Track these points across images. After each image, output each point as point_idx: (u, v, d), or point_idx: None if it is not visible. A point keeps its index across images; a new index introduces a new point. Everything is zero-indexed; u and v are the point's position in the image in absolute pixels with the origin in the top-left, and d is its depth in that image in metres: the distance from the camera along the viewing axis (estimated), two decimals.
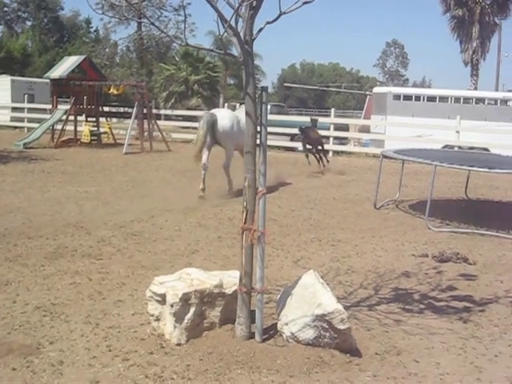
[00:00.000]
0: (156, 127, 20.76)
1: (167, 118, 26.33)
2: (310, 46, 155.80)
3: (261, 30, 4.25)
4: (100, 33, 61.27)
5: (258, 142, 4.40)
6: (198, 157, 11.02)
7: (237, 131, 10.95)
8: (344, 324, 4.19)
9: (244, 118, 4.48)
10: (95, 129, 21.08)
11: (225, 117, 11.15)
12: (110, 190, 11.33)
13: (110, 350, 4.26)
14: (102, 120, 21.64)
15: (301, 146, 17.41)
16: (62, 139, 20.45)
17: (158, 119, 22.53)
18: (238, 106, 21.21)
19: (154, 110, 23.24)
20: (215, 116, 11.04)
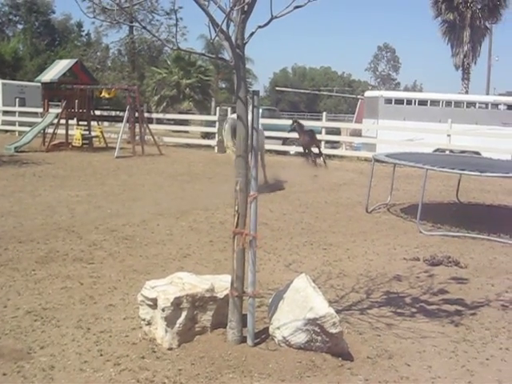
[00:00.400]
0: (148, 131, 20.76)
1: (159, 121, 26.29)
2: (301, 50, 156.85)
3: (252, 34, 4.26)
4: (91, 36, 61.32)
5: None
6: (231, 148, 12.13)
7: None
8: (336, 328, 4.19)
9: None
10: (87, 132, 21.00)
11: None
12: (101, 194, 11.30)
13: (102, 355, 4.24)
14: (94, 124, 21.57)
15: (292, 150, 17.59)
16: (54, 143, 20.37)
17: (150, 123, 22.47)
18: (229, 110, 21.32)
19: (146, 114, 23.23)
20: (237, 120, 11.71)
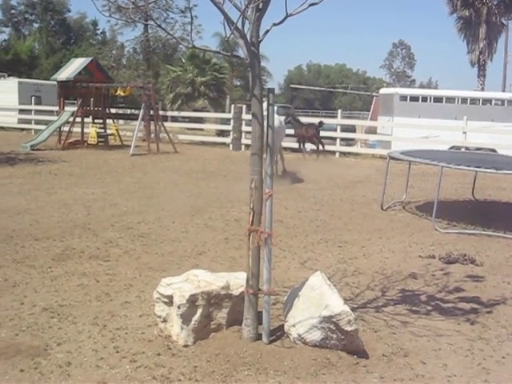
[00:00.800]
0: (163, 129, 20.81)
1: (174, 119, 26.36)
2: (316, 47, 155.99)
3: (267, 31, 4.25)
4: (107, 35, 61.62)
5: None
6: None
7: (278, 129, 12.01)
8: (351, 325, 4.18)
9: (277, 121, 4.52)
10: (102, 130, 21.14)
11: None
12: (117, 192, 11.35)
13: (118, 352, 4.27)
14: (109, 122, 21.69)
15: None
16: (69, 141, 20.48)
17: (165, 121, 22.54)
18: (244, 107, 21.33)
19: (161, 112, 23.26)
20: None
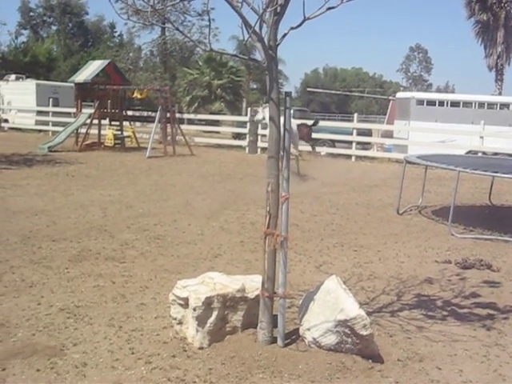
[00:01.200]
0: (179, 131, 20.89)
1: (190, 122, 26.44)
2: (332, 51, 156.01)
3: (285, 35, 4.26)
4: (124, 37, 62.10)
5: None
6: None
7: (293, 131, 13.85)
8: (366, 330, 4.17)
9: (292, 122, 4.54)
10: (119, 133, 21.26)
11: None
12: (133, 194, 11.40)
13: (133, 353, 4.28)
14: (126, 124, 21.83)
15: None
16: (86, 143, 20.64)
17: (181, 123, 22.64)
18: (262, 105, 21.30)
19: (177, 115, 23.38)
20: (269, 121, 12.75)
